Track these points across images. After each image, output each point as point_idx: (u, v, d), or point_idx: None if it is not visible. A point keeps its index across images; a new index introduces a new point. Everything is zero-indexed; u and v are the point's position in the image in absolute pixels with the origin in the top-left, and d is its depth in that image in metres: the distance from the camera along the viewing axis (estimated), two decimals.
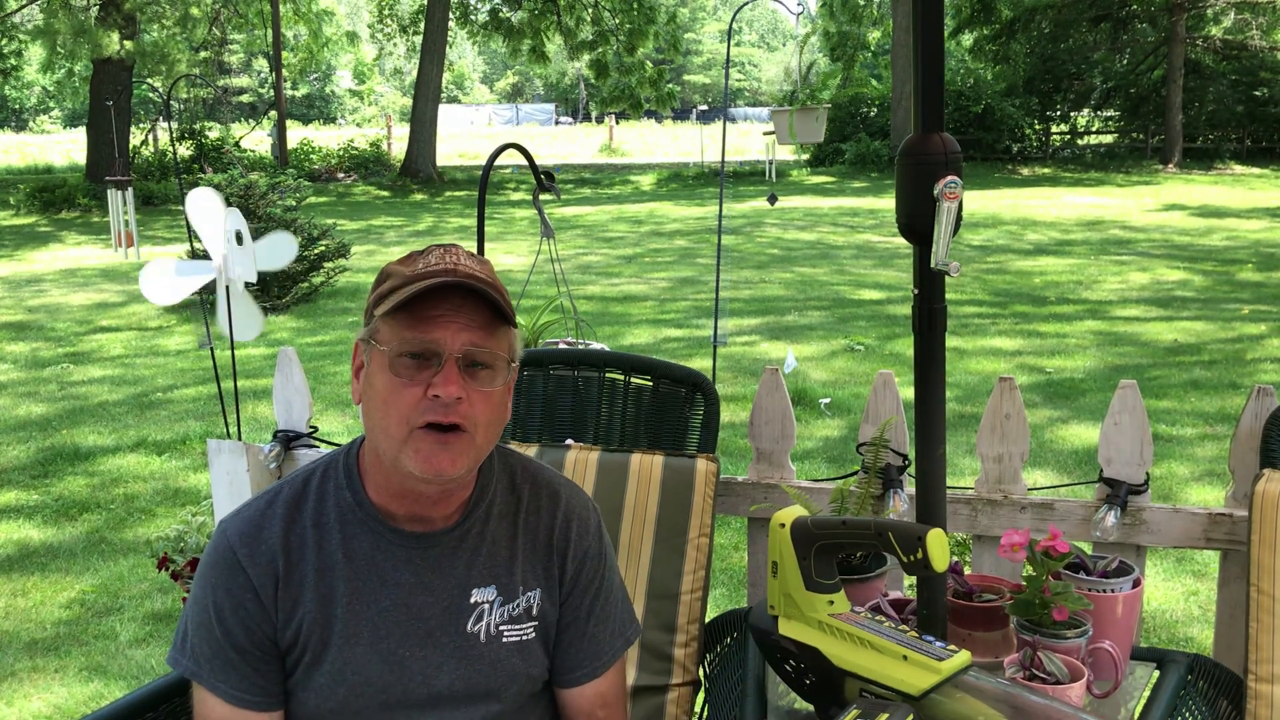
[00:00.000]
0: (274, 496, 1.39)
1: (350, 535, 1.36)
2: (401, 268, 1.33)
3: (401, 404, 1.28)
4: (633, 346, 7.79)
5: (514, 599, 1.41)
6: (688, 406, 2.19)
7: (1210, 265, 10.86)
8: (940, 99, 1.58)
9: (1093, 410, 5.93)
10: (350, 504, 1.37)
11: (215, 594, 1.34)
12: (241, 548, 1.34)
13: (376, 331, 1.31)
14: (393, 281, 1.32)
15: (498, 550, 1.42)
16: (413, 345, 1.28)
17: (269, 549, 1.34)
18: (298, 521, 1.37)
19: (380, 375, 1.30)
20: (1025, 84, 26.13)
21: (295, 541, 1.36)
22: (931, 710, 1.33)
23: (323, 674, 1.35)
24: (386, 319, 1.29)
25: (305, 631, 1.34)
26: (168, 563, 2.58)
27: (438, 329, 1.28)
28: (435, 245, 1.36)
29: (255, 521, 1.36)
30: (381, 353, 1.30)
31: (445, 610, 1.38)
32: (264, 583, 1.34)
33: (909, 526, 1.41)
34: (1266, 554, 1.79)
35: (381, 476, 1.36)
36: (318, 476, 1.40)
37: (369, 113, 54.69)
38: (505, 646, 1.40)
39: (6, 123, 52.89)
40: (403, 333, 1.28)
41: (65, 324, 9.15)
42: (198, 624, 1.35)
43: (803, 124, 6.92)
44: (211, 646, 1.34)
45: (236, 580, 1.34)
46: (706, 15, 74.62)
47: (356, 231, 15.01)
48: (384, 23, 27.46)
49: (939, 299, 1.63)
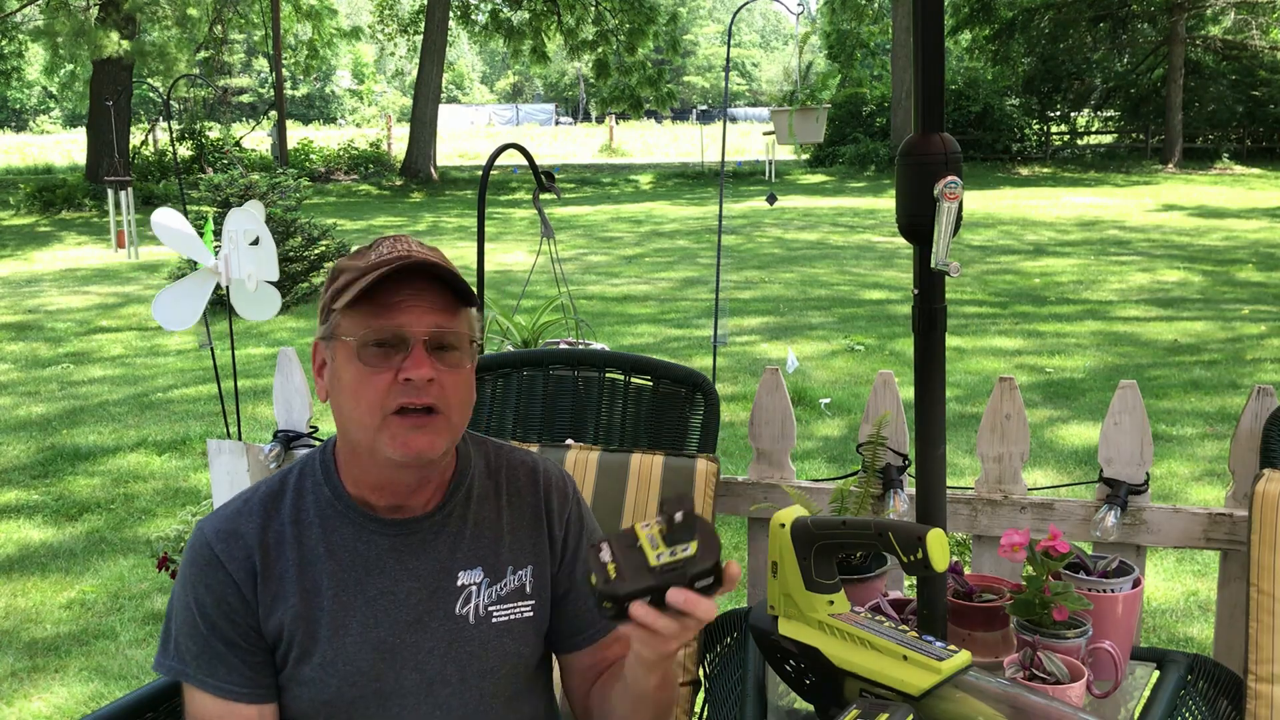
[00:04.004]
0: (250, 495, 1.40)
1: (331, 529, 1.37)
2: (354, 262, 1.34)
3: (372, 391, 1.29)
4: (633, 346, 7.80)
5: (501, 579, 1.42)
6: (688, 406, 2.19)
7: (1210, 265, 10.86)
8: (940, 99, 1.58)
9: (1093, 410, 5.93)
10: (329, 498, 1.38)
11: (196, 590, 1.35)
12: (218, 544, 1.35)
13: (337, 326, 1.32)
14: (348, 275, 1.33)
15: (482, 532, 1.43)
16: (379, 333, 1.29)
17: (245, 545, 1.36)
18: (275, 519, 1.38)
19: (348, 367, 1.31)
20: (1025, 84, 26.14)
21: (273, 538, 1.36)
22: (931, 710, 1.33)
23: (313, 667, 1.35)
24: (348, 311, 1.30)
25: (290, 626, 1.35)
26: (168, 562, 2.59)
27: (402, 314, 1.30)
28: (383, 238, 1.37)
29: (231, 519, 1.37)
30: (347, 344, 1.30)
31: (432, 594, 1.39)
32: (243, 578, 1.35)
33: (909, 526, 1.41)
34: (1266, 554, 1.79)
35: (358, 470, 1.37)
36: (294, 475, 1.41)
37: (369, 113, 54.69)
38: (495, 627, 1.41)
39: (6, 123, 52.89)
40: (368, 321, 1.29)
41: (65, 324, 9.15)
42: (181, 622, 1.36)
43: (802, 124, 6.92)
44: (198, 643, 1.35)
45: (215, 576, 1.35)
46: (704, 17, 74.58)
47: (356, 231, 15.01)
48: (384, 23, 27.46)
49: (939, 299, 1.63)
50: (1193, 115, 24.33)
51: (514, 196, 20.15)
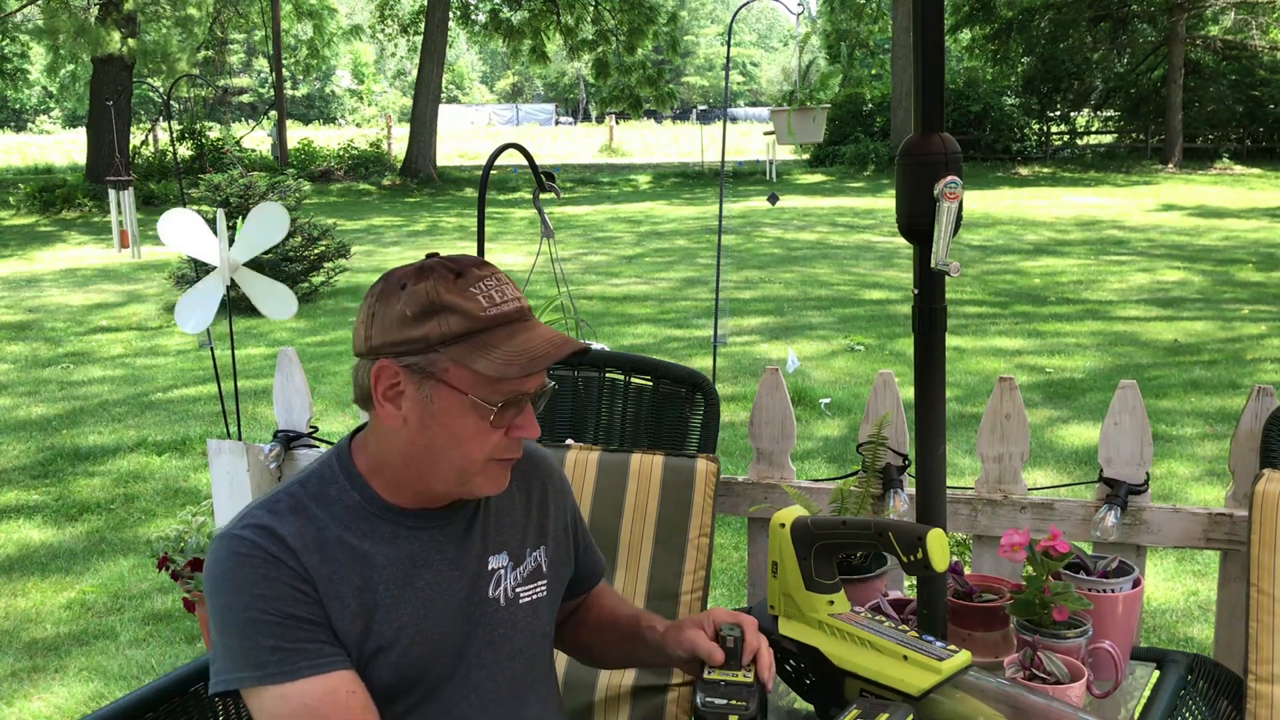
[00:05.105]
0: (272, 505, 1.35)
1: (369, 530, 1.36)
2: (462, 302, 1.30)
3: (487, 446, 1.33)
4: (633, 346, 7.80)
5: (522, 562, 1.47)
6: (688, 406, 2.19)
7: (1210, 265, 10.86)
8: (940, 99, 1.58)
9: (1093, 410, 5.93)
10: (358, 502, 1.37)
11: (255, 589, 1.29)
12: (267, 542, 1.31)
13: (445, 371, 1.30)
14: (464, 322, 1.29)
15: (501, 518, 1.47)
16: (510, 399, 1.32)
17: (289, 547, 1.31)
18: (310, 525, 1.34)
19: (464, 419, 1.31)
20: (1025, 84, 26.13)
21: (313, 543, 1.33)
22: (931, 710, 1.33)
23: (368, 664, 1.33)
24: (484, 372, 1.29)
25: (348, 627, 1.32)
26: (168, 563, 2.58)
27: (531, 381, 1.34)
28: (470, 264, 1.34)
29: (268, 524, 1.33)
30: (466, 400, 1.30)
31: (472, 582, 1.41)
32: (301, 571, 1.31)
33: (909, 526, 1.41)
34: (1266, 554, 1.79)
35: (403, 486, 1.37)
36: (313, 484, 1.38)
37: (369, 113, 54.70)
38: (522, 608, 1.45)
39: (6, 123, 52.89)
40: (503, 386, 1.31)
41: (65, 324, 9.16)
42: (245, 625, 1.28)
43: (802, 124, 6.92)
44: (274, 634, 1.28)
45: (273, 571, 1.29)
46: (704, 18, 74.57)
47: (356, 231, 15.01)
48: (385, 23, 27.45)
49: (939, 299, 1.63)
50: (1192, 115, 24.32)
51: (514, 196, 20.15)
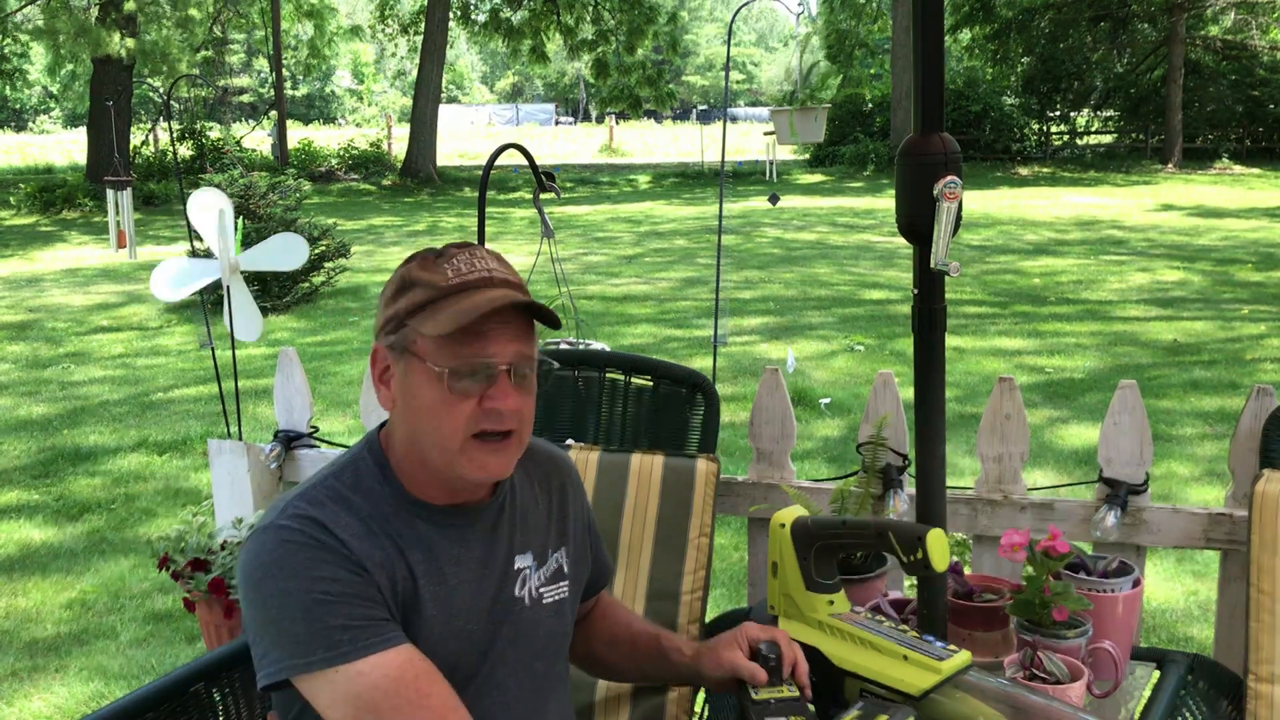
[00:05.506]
0: (313, 495, 1.34)
1: (404, 526, 1.35)
2: (429, 275, 1.32)
3: (457, 418, 1.30)
4: (633, 346, 7.80)
5: (545, 562, 1.47)
6: (688, 407, 2.19)
7: (1209, 265, 10.86)
8: (940, 99, 1.59)
9: (1093, 410, 5.93)
10: (390, 497, 1.37)
11: (313, 570, 1.27)
12: (316, 531, 1.29)
13: (413, 344, 1.31)
14: (426, 292, 1.31)
15: (526, 518, 1.47)
16: (470, 364, 1.30)
17: (337, 536, 1.30)
18: (350, 518, 1.33)
19: (428, 390, 1.31)
20: (1024, 84, 26.13)
21: (354, 535, 1.31)
22: (932, 710, 1.34)
23: None
24: (431, 334, 1.29)
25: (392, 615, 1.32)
26: (168, 562, 2.58)
27: (490, 344, 1.30)
28: (452, 246, 1.36)
29: (312, 514, 1.31)
30: (427, 368, 1.30)
31: (500, 580, 1.42)
32: (351, 554, 1.30)
33: (909, 526, 1.41)
34: (1266, 554, 1.79)
35: (424, 476, 1.37)
36: (348, 476, 1.37)
37: (369, 113, 54.68)
38: (545, 608, 1.46)
39: (6, 123, 52.86)
40: (455, 350, 1.29)
41: (65, 324, 9.15)
42: (310, 607, 1.25)
43: (802, 124, 6.92)
44: (343, 613, 1.26)
45: (327, 555, 1.28)
46: (704, 18, 74.56)
47: (356, 231, 15.00)
48: (385, 23, 27.45)
49: (939, 299, 1.63)
50: (1192, 115, 24.32)
51: (514, 196, 20.15)
